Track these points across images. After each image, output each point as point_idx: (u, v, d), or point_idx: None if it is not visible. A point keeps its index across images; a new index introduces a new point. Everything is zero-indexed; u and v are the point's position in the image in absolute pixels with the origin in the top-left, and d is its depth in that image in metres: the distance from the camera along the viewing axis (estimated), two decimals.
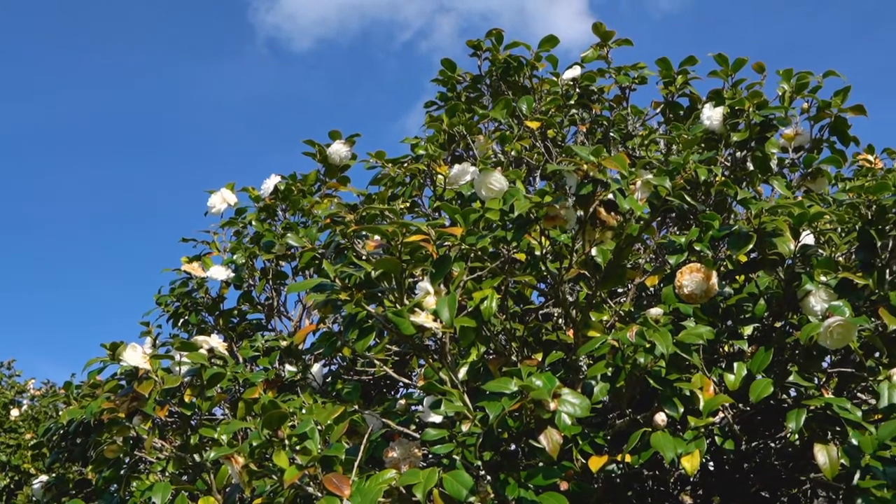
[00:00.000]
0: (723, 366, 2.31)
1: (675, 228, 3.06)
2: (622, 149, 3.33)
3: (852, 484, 1.99)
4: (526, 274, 2.42)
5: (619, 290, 2.94)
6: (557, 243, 2.30)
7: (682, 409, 2.09)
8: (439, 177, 2.95)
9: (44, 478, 3.32)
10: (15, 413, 6.74)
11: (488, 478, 2.08)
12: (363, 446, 2.08)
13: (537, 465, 2.11)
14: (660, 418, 2.11)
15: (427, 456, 2.29)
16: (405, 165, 3.06)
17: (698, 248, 2.30)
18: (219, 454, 2.18)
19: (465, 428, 2.08)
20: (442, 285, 2.16)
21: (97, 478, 2.88)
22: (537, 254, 2.32)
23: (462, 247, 2.21)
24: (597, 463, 2.14)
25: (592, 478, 2.20)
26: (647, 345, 2.05)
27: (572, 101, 3.33)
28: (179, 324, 3.48)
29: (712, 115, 2.71)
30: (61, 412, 3.27)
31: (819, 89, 2.80)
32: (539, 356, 2.49)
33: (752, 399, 2.11)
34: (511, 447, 2.22)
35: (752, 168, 2.71)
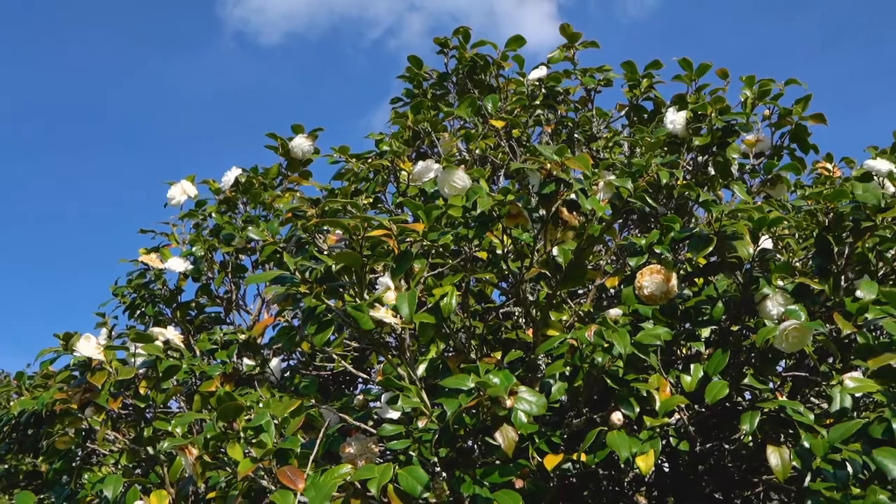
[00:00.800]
0: (680, 367, 2.33)
1: (637, 230, 3.08)
2: (586, 150, 3.34)
3: (804, 486, 2.01)
4: (487, 272, 2.42)
5: (579, 291, 2.95)
6: (519, 242, 2.30)
7: (638, 410, 2.11)
8: (403, 173, 2.94)
9: None
10: None
11: (444, 474, 2.08)
12: (319, 441, 2.06)
13: (493, 462, 2.10)
14: (616, 418, 2.12)
15: (385, 452, 2.28)
16: (369, 161, 3.05)
17: (659, 251, 2.31)
18: (172, 445, 2.16)
19: (421, 424, 2.08)
20: (402, 281, 2.15)
21: (48, 469, 2.84)
22: (499, 252, 2.32)
23: (424, 243, 2.20)
24: (552, 461, 2.14)
25: (548, 476, 2.20)
26: (605, 345, 2.06)
27: (538, 102, 3.34)
28: (136, 315, 3.44)
29: (675, 119, 2.73)
30: (13, 402, 3.21)
31: (781, 97, 2.82)
32: (498, 354, 2.49)
33: (708, 401, 2.13)
34: (468, 444, 2.22)
35: (713, 172, 2.74)
